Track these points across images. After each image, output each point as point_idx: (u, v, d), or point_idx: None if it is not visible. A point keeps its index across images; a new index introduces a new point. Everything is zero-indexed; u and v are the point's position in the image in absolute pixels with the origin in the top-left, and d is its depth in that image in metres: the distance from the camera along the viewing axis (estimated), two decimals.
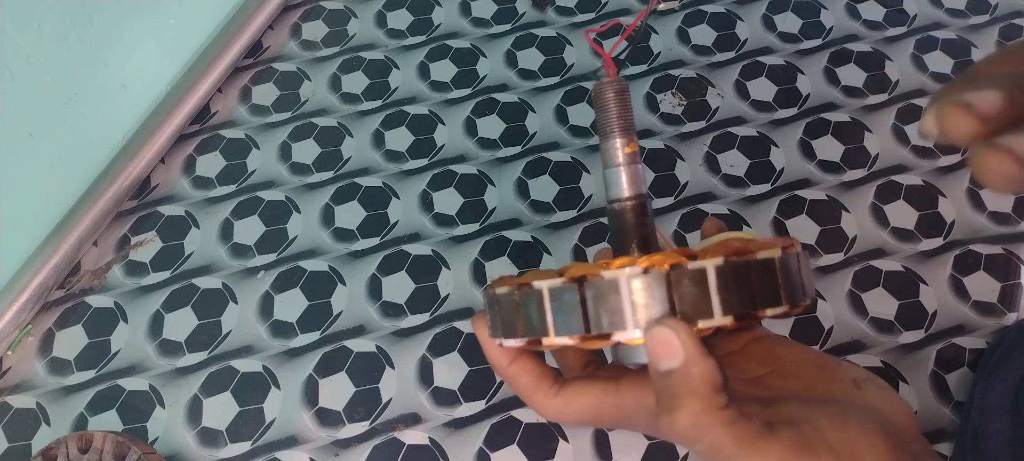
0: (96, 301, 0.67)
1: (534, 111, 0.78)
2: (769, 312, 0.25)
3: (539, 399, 0.28)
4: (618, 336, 0.24)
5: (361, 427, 0.61)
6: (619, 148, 0.29)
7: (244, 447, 0.60)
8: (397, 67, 0.81)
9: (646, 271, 0.24)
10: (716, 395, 0.23)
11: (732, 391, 0.26)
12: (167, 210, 0.72)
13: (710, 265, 0.24)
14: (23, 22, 0.56)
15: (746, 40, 0.83)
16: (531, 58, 0.82)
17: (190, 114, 0.75)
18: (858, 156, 0.74)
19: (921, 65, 0.81)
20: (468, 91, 0.79)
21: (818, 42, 0.83)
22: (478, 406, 0.62)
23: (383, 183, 0.73)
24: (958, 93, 0.20)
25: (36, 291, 0.64)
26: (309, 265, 0.69)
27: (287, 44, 0.83)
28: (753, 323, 0.27)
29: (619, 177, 0.29)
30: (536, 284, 0.25)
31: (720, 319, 0.24)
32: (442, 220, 0.71)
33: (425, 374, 0.63)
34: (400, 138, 0.76)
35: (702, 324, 0.24)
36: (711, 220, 0.35)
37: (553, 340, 0.25)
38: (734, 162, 0.74)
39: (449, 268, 0.68)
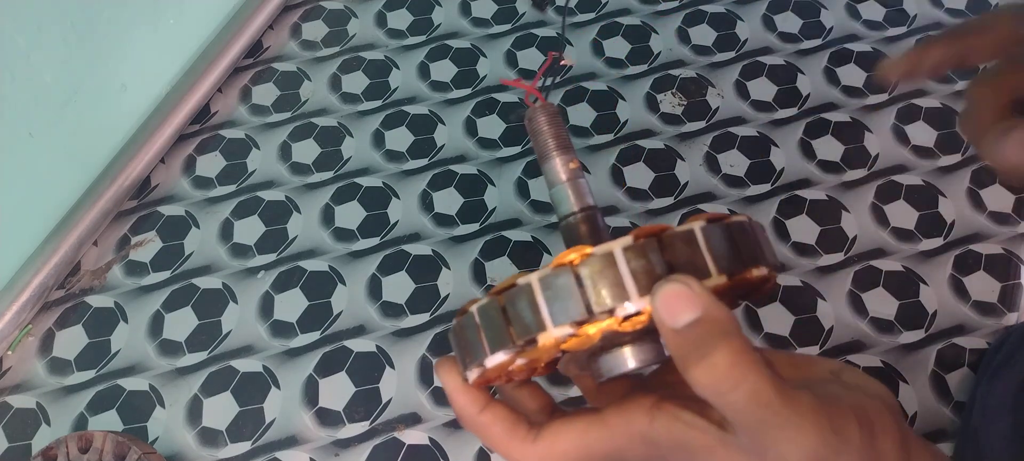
0: (96, 301, 0.67)
1: None
2: (755, 272, 0.25)
3: (516, 447, 0.26)
4: (622, 309, 0.23)
5: (361, 427, 0.61)
6: (560, 167, 0.30)
7: (244, 447, 0.60)
8: (397, 67, 0.81)
9: (636, 239, 0.24)
10: (746, 338, 0.22)
11: None
12: (167, 210, 0.72)
13: (696, 226, 0.24)
14: (23, 22, 0.56)
15: (746, 40, 0.83)
16: (531, 58, 0.82)
17: (190, 114, 0.75)
18: (858, 156, 0.74)
19: None
20: (468, 91, 0.79)
21: (818, 42, 0.83)
22: None
23: (383, 183, 0.73)
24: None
25: (36, 291, 0.64)
26: (309, 265, 0.69)
27: (287, 44, 0.83)
28: (740, 289, 0.27)
29: (566, 193, 0.30)
30: (522, 280, 0.25)
31: (716, 278, 0.24)
32: (442, 220, 0.71)
33: (425, 374, 0.63)
34: (400, 138, 0.76)
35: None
36: None
37: (551, 333, 0.24)
38: (734, 162, 0.74)
39: (449, 268, 0.68)
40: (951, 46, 0.23)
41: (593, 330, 0.24)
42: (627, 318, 0.24)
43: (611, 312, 0.23)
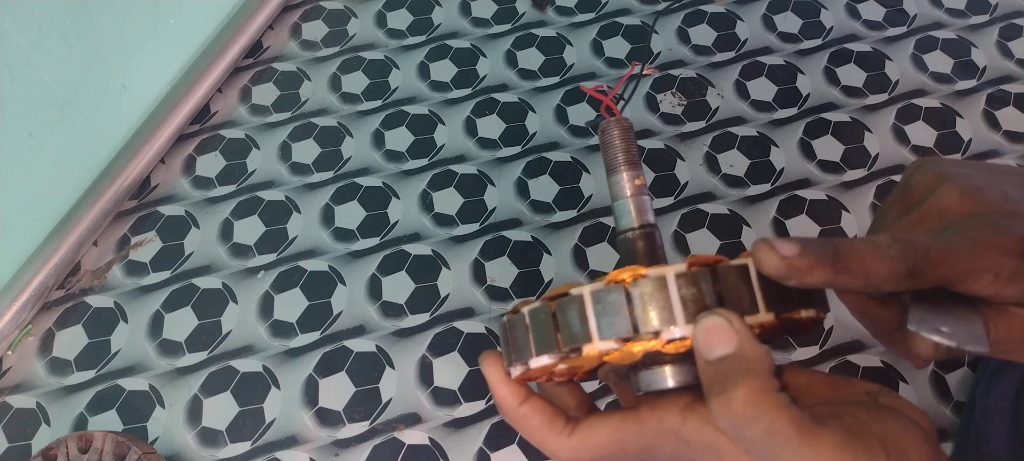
0: (96, 301, 0.67)
1: (534, 111, 0.78)
2: (804, 313, 0.26)
3: (552, 440, 0.28)
4: (667, 333, 0.25)
5: (361, 427, 0.61)
6: (626, 182, 0.31)
7: (244, 447, 0.60)
8: (397, 67, 0.81)
9: (691, 267, 0.25)
10: (772, 377, 0.23)
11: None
12: (167, 210, 0.72)
13: (751, 262, 0.25)
14: (23, 22, 0.57)
15: (746, 40, 0.83)
16: (531, 58, 0.82)
17: (190, 114, 0.75)
18: (858, 156, 0.74)
19: (921, 65, 0.81)
20: (468, 91, 0.79)
21: (818, 42, 0.83)
22: (478, 406, 0.62)
23: (383, 183, 0.73)
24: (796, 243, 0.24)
25: (36, 291, 0.64)
26: (309, 265, 0.69)
27: (287, 44, 0.83)
28: (788, 326, 0.27)
29: (628, 208, 0.30)
30: (575, 291, 0.26)
31: (763, 315, 0.25)
32: (442, 220, 0.71)
33: (425, 374, 0.63)
34: (400, 138, 0.76)
35: (749, 320, 0.24)
36: None
37: (597, 345, 0.25)
38: (734, 162, 0.74)
39: (449, 268, 0.68)
40: (826, 278, 0.24)
41: (637, 348, 0.25)
42: (671, 341, 0.25)
43: (656, 334, 0.25)
